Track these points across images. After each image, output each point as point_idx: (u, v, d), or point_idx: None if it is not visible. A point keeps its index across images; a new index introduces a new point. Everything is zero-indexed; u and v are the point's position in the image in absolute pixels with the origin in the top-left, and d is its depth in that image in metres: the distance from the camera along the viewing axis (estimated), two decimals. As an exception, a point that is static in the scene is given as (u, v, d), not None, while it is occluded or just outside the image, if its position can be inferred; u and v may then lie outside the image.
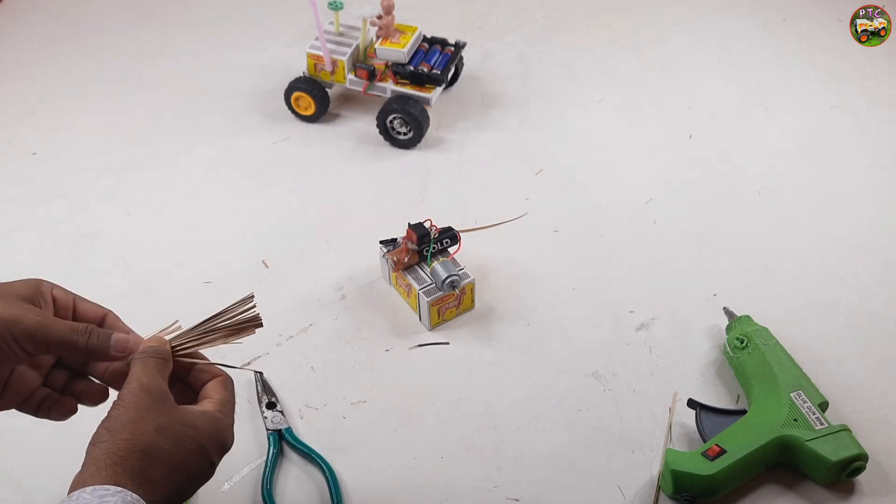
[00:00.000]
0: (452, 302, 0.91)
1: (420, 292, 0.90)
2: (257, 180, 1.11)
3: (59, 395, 0.66)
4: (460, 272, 0.90)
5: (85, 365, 0.67)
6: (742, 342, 0.85)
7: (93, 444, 0.56)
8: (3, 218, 1.07)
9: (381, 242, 0.95)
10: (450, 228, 0.93)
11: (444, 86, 1.15)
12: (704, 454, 0.76)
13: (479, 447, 0.82)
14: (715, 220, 1.05)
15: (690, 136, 1.17)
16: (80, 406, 0.66)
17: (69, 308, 0.64)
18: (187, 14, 1.44)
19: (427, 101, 1.12)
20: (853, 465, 0.75)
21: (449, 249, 0.93)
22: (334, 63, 1.14)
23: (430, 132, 1.16)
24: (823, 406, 0.81)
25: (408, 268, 0.93)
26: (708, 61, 1.30)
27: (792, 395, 0.80)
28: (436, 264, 0.90)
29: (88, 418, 0.83)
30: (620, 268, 0.99)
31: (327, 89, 1.18)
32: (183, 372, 0.65)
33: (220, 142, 1.17)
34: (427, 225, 0.92)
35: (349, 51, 1.14)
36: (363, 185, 1.10)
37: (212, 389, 0.64)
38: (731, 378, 0.87)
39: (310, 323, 0.93)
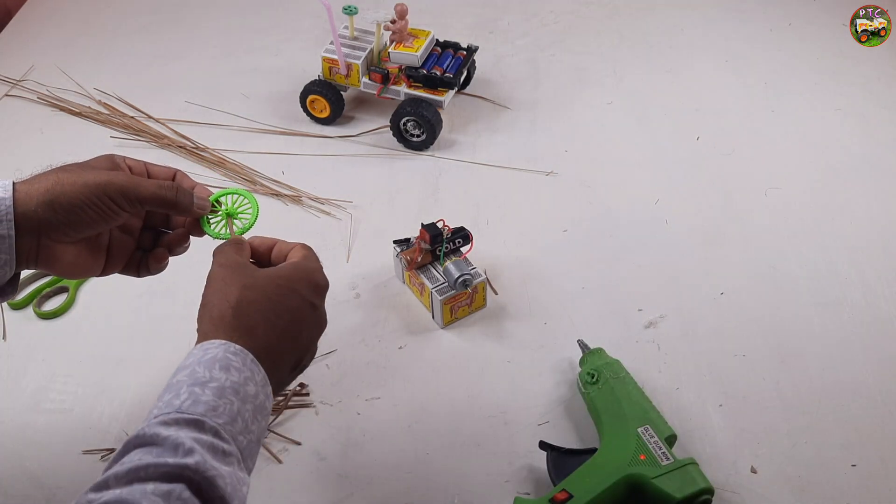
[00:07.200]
0: (465, 300, 0.92)
1: (433, 291, 0.91)
2: (272, 182, 1.12)
3: (152, 251, 0.72)
4: (472, 271, 0.91)
5: (168, 222, 0.73)
6: (593, 377, 0.81)
7: (197, 327, 0.61)
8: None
9: (394, 242, 0.97)
10: (462, 228, 0.94)
11: (456, 89, 1.16)
12: (551, 500, 0.72)
13: (491, 443, 0.82)
14: (722, 220, 1.05)
15: (698, 138, 1.18)
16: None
17: (143, 173, 0.70)
18: (204, 18, 1.45)
19: (440, 104, 1.13)
20: (700, 500, 0.71)
21: (461, 249, 0.94)
22: (349, 67, 1.15)
23: (443, 134, 1.18)
24: (671, 440, 0.77)
25: (421, 267, 0.94)
26: (715, 64, 1.31)
27: (639, 430, 0.76)
28: (448, 264, 0.91)
29: (108, 416, 0.85)
30: (629, 267, 1.00)
31: (342, 92, 1.19)
32: (265, 259, 0.70)
33: (236, 144, 1.18)
34: (440, 225, 0.93)
35: (363, 55, 1.15)
36: (377, 187, 1.11)
37: (292, 253, 0.68)
38: (731, 379, 0.88)
39: (325, 321, 0.95)
